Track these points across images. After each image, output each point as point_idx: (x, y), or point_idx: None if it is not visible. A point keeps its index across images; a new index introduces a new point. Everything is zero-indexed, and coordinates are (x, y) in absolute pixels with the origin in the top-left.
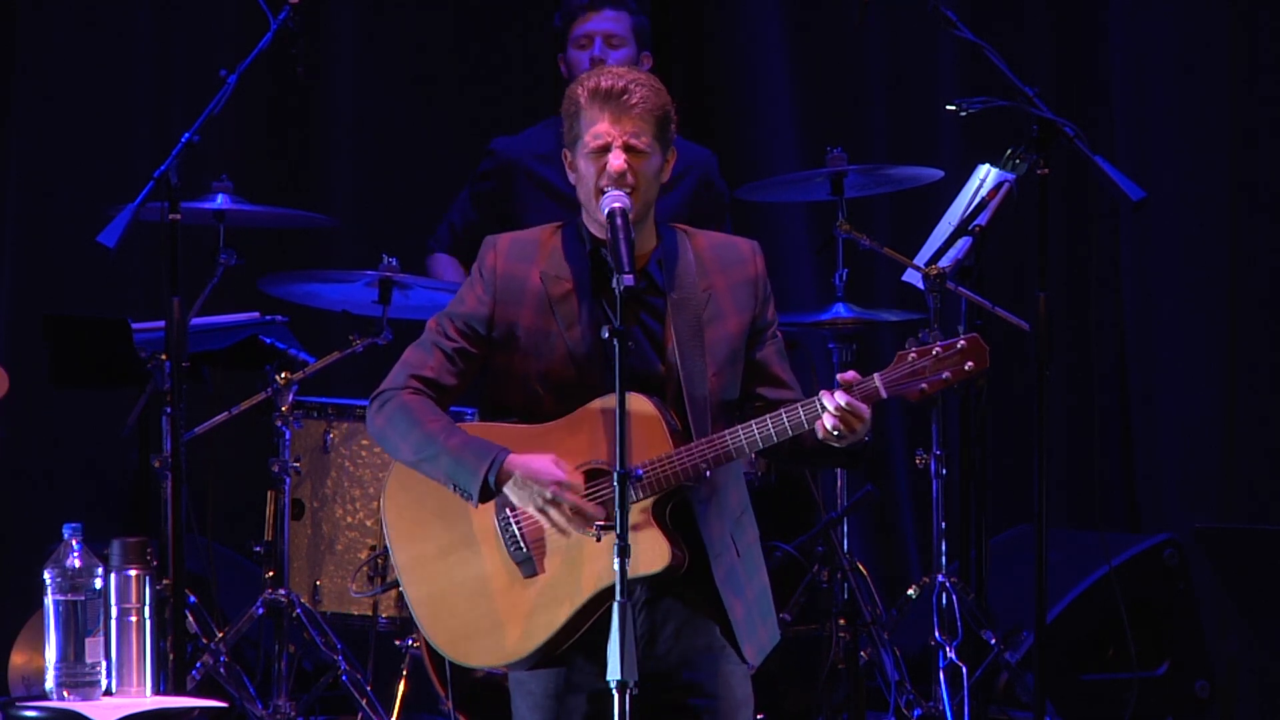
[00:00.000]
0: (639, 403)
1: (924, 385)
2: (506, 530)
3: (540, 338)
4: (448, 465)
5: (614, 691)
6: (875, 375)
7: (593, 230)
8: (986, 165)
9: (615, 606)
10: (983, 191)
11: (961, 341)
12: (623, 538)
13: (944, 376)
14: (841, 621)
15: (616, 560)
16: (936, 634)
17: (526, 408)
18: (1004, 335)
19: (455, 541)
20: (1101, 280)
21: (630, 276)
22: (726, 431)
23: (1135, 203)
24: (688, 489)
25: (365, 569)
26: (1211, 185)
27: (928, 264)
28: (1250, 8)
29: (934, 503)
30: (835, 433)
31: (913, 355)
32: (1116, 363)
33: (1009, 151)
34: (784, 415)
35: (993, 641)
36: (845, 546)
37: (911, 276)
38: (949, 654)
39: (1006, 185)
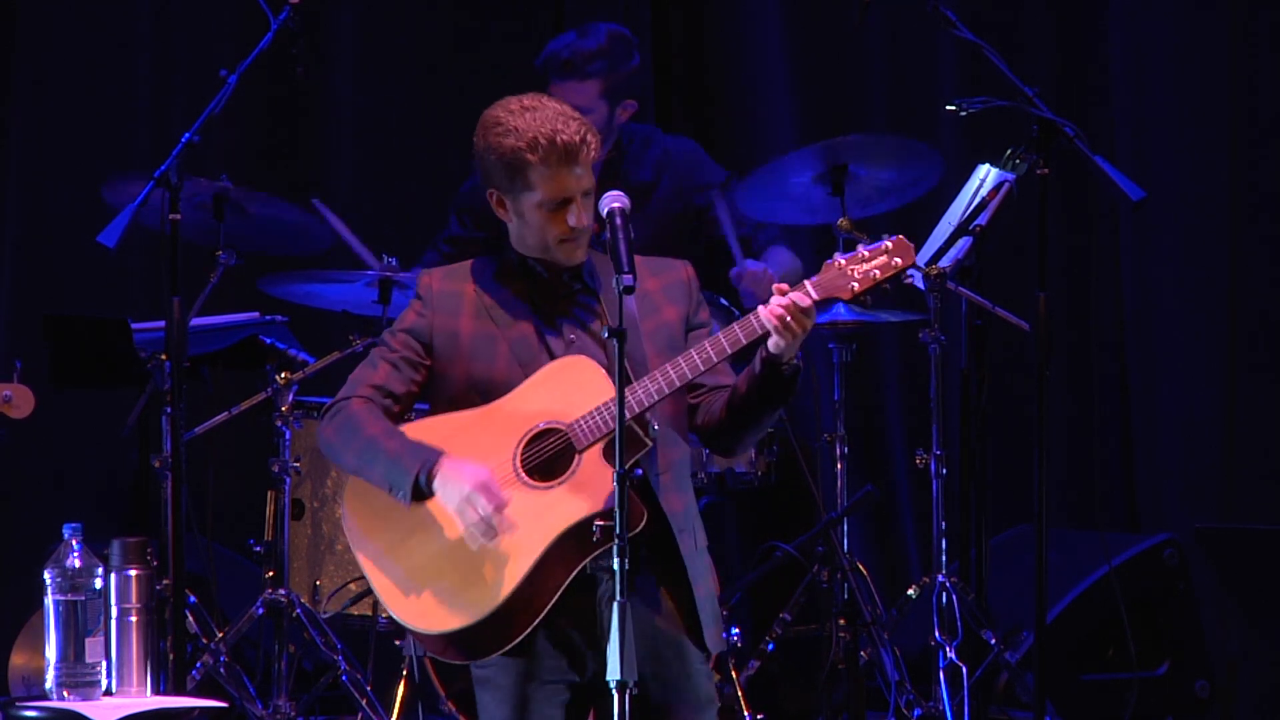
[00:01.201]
0: (578, 361)
1: (854, 284)
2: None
3: (482, 340)
4: (384, 468)
5: (614, 691)
6: (806, 280)
7: (522, 251)
8: (986, 165)
9: (615, 606)
10: (983, 191)
11: (887, 242)
12: (622, 538)
13: (873, 274)
14: (841, 621)
15: (616, 560)
16: (936, 634)
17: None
18: (1004, 335)
19: (411, 528)
20: (1101, 280)
21: (630, 276)
22: (667, 364)
23: (1135, 203)
24: (644, 465)
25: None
26: (1211, 185)
27: (928, 264)
28: (1250, 8)
29: (934, 503)
30: (782, 328)
31: (841, 261)
32: (1116, 363)
33: (1009, 151)
34: (721, 335)
35: (993, 641)
36: (845, 546)
37: (912, 276)
38: (949, 654)
39: (1006, 185)
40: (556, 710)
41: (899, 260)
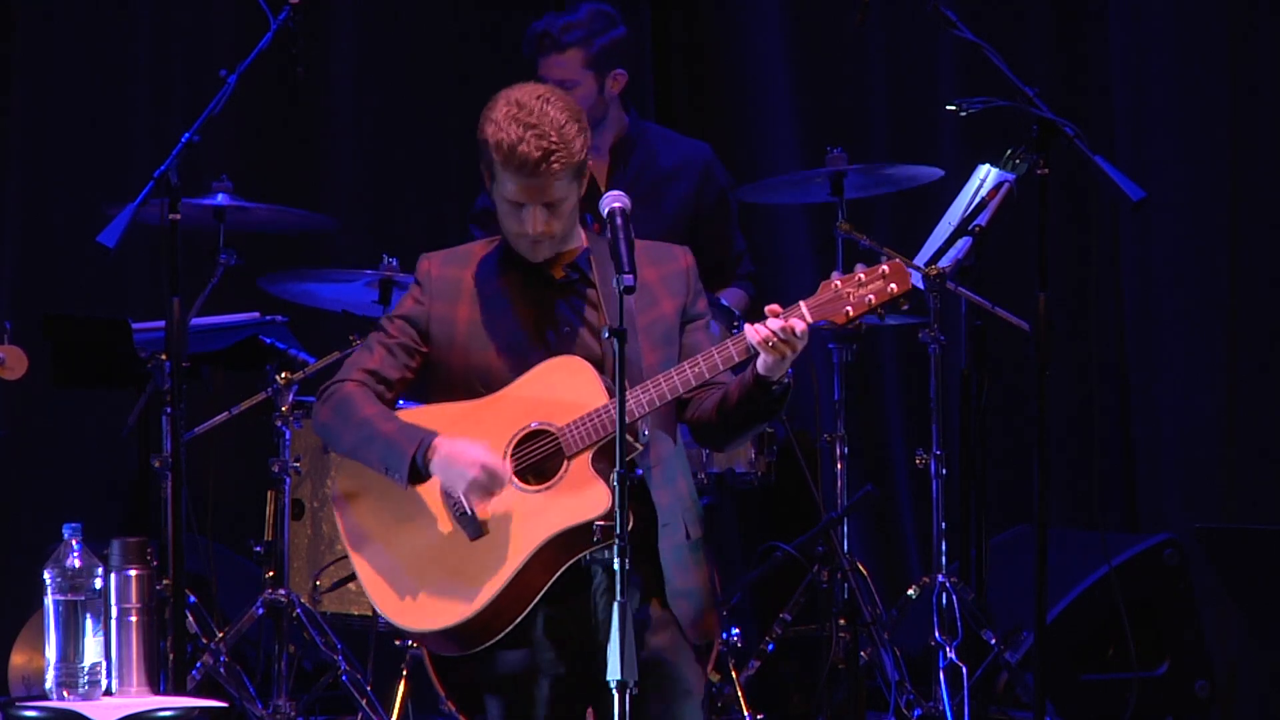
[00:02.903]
0: (573, 363)
1: (848, 308)
2: (450, 495)
3: (478, 329)
4: (380, 449)
5: (614, 691)
6: (801, 302)
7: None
8: (986, 165)
9: (615, 606)
10: (983, 191)
11: (884, 266)
12: (622, 538)
13: (868, 299)
14: (841, 621)
15: (617, 560)
16: (936, 634)
17: (466, 399)
18: (1004, 335)
19: (400, 518)
20: (1101, 280)
21: (630, 276)
22: (660, 376)
23: (1135, 203)
24: (635, 458)
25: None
26: (1212, 185)
27: (928, 264)
28: (1250, 7)
29: (934, 503)
30: (770, 350)
31: (837, 283)
32: (1116, 363)
33: (1009, 151)
34: (714, 352)
35: (993, 641)
36: (845, 546)
37: (911, 276)
38: (949, 654)
39: (1006, 185)
40: (553, 702)
41: (894, 286)
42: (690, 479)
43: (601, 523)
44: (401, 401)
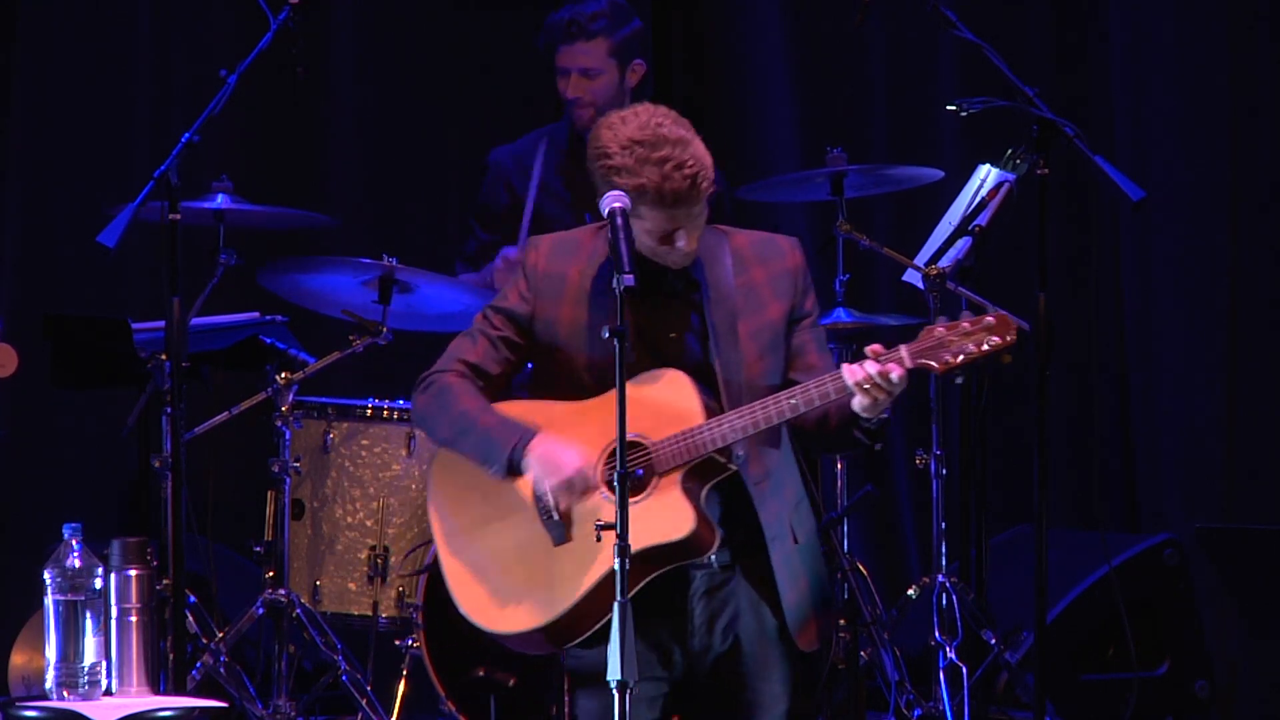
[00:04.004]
0: (676, 378)
1: (948, 356)
2: (540, 499)
3: (581, 331)
4: (478, 441)
5: (614, 691)
6: (901, 346)
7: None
8: (986, 165)
9: (615, 606)
10: (983, 191)
11: (990, 317)
12: (622, 538)
13: (969, 349)
14: (841, 621)
15: (617, 560)
16: (936, 634)
17: (573, 394)
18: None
19: (490, 514)
20: (1101, 280)
21: (630, 276)
22: (756, 403)
23: (1135, 203)
24: (740, 473)
25: (365, 568)
26: (1212, 185)
27: (928, 264)
28: (1250, 7)
29: (934, 503)
30: (864, 392)
31: (940, 330)
32: (1116, 363)
33: (1009, 151)
34: (812, 387)
35: (993, 641)
36: (845, 546)
37: (912, 277)
38: (949, 654)
39: (1006, 185)
40: (648, 704)
41: (997, 339)
42: (798, 478)
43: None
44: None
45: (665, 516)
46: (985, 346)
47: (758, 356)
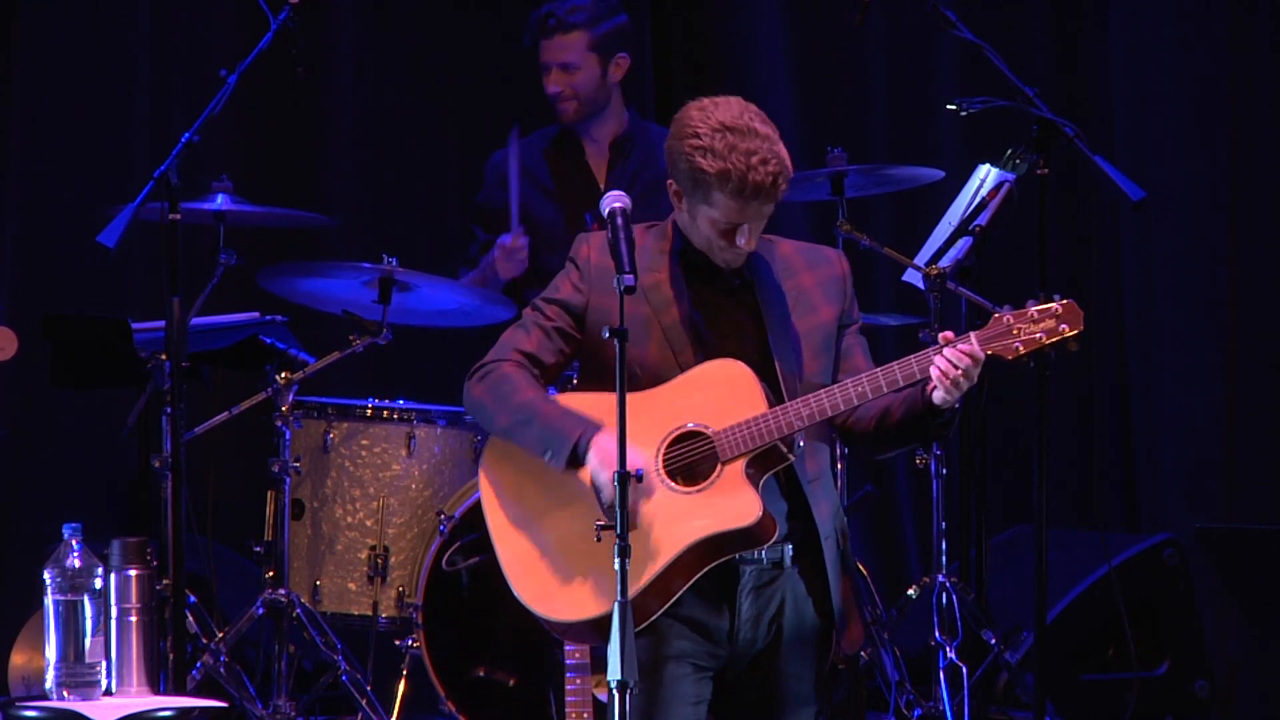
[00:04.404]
0: (736, 368)
1: (1019, 344)
2: (599, 491)
3: (637, 325)
4: (540, 431)
5: (614, 691)
6: (971, 334)
7: (690, 239)
8: (986, 165)
9: (615, 606)
10: (983, 191)
11: (1057, 305)
12: (623, 537)
13: (1038, 336)
14: None
15: (617, 560)
16: (936, 634)
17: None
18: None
19: (549, 504)
20: (1101, 280)
21: (630, 276)
22: (821, 391)
23: (1135, 203)
24: (795, 470)
25: (365, 569)
26: (1212, 185)
27: (928, 264)
28: (1250, 6)
29: (934, 503)
30: (952, 377)
31: (1009, 318)
32: (1116, 363)
33: (1009, 151)
34: (879, 374)
35: (993, 641)
36: None
37: (912, 276)
38: (949, 654)
39: (1006, 185)
40: (690, 695)
41: (1066, 326)
42: (833, 483)
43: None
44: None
45: (731, 503)
46: (1053, 334)
47: (812, 355)
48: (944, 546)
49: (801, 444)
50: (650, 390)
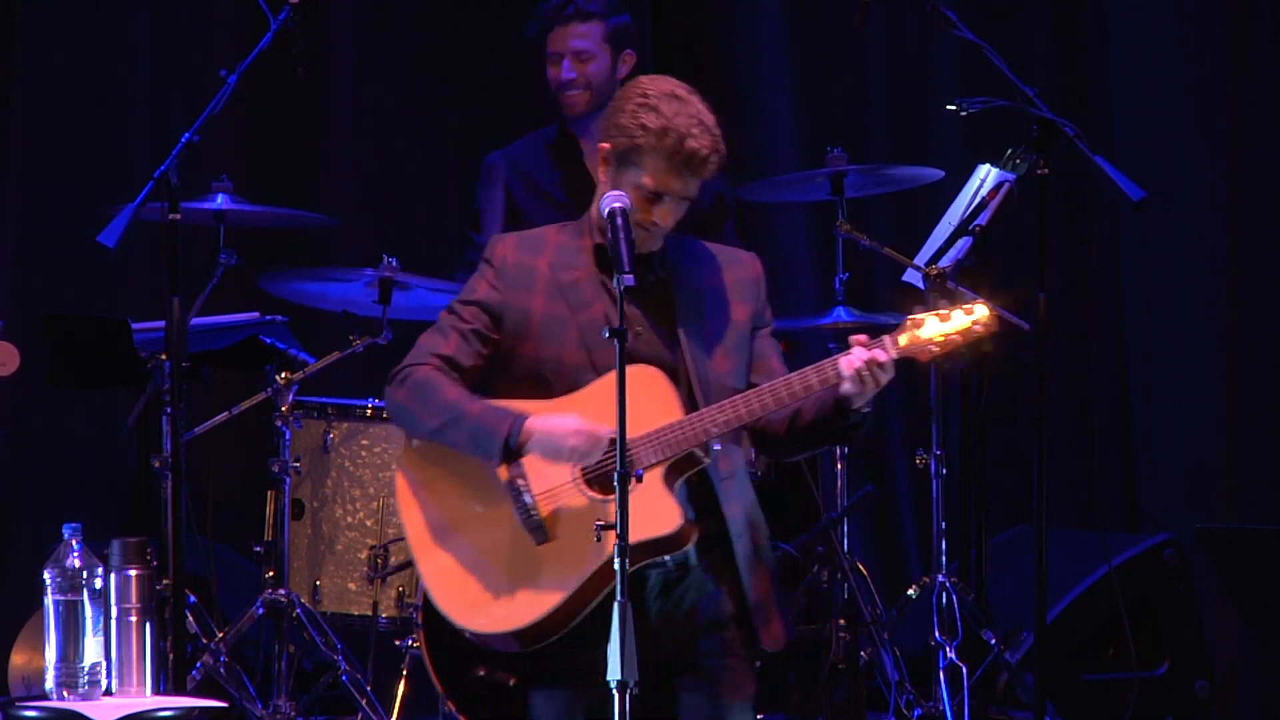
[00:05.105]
0: (652, 374)
1: (933, 345)
2: (518, 499)
3: (554, 322)
4: (469, 429)
5: (614, 691)
6: (885, 336)
7: (600, 222)
8: (986, 165)
9: (615, 607)
10: (983, 191)
11: (972, 306)
12: (623, 537)
13: (953, 337)
14: (841, 621)
15: (616, 560)
16: (936, 634)
17: (535, 393)
18: (1004, 335)
19: (468, 514)
20: (1101, 280)
21: (630, 276)
22: (738, 397)
23: (1135, 203)
24: (707, 468)
25: (365, 567)
26: (1211, 185)
27: (928, 264)
28: (1250, 7)
29: (934, 503)
30: (859, 381)
31: (924, 318)
32: (1116, 363)
33: (1009, 151)
34: (795, 378)
35: (993, 641)
36: (845, 546)
37: (912, 276)
38: (949, 654)
39: (1006, 185)
40: (602, 701)
41: (980, 327)
42: (751, 485)
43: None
44: None
45: (650, 512)
46: (968, 335)
47: (724, 355)
48: (944, 546)
49: (718, 447)
50: (569, 397)
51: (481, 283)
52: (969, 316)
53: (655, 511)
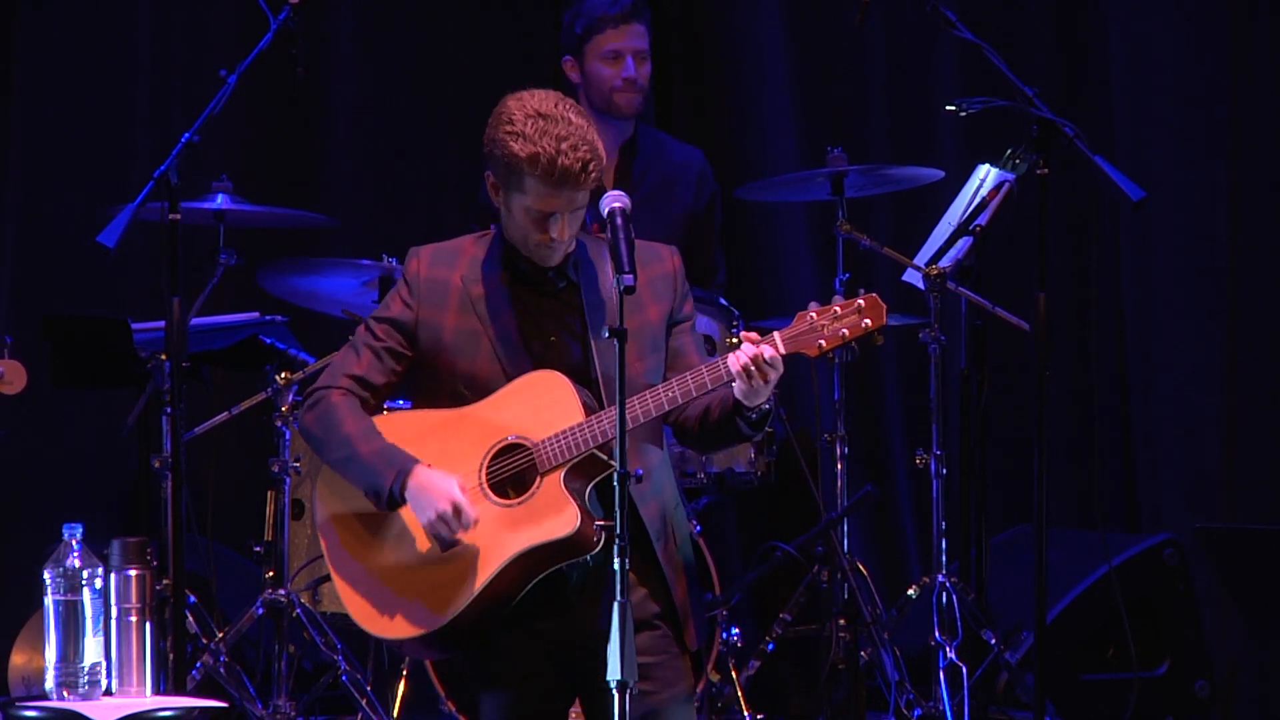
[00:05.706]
0: (554, 379)
1: (821, 341)
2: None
3: (466, 338)
4: (360, 471)
5: (614, 691)
6: (775, 333)
7: (509, 239)
8: (986, 165)
9: (615, 607)
10: (983, 191)
11: (860, 300)
12: (622, 537)
13: (841, 333)
14: (841, 621)
15: (617, 560)
16: (936, 634)
17: (451, 403)
18: (1004, 335)
19: (380, 528)
20: (1101, 280)
21: (630, 276)
22: (648, 392)
23: (1135, 203)
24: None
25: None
26: (1211, 185)
27: (928, 264)
28: (1250, 7)
29: (934, 503)
30: (747, 378)
31: (812, 315)
32: (1116, 363)
33: (1009, 151)
34: (688, 378)
35: (993, 641)
36: (845, 546)
37: (912, 277)
38: (949, 654)
39: (1006, 185)
40: (538, 698)
41: (869, 321)
42: (674, 482)
43: (600, 522)
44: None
45: (549, 515)
46: (856, 329)
47: (637, 357)
48: (944, 546)
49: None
50: (474, 404)
51: (396, 300)
52: (856, 313)
53: (554, 515)
